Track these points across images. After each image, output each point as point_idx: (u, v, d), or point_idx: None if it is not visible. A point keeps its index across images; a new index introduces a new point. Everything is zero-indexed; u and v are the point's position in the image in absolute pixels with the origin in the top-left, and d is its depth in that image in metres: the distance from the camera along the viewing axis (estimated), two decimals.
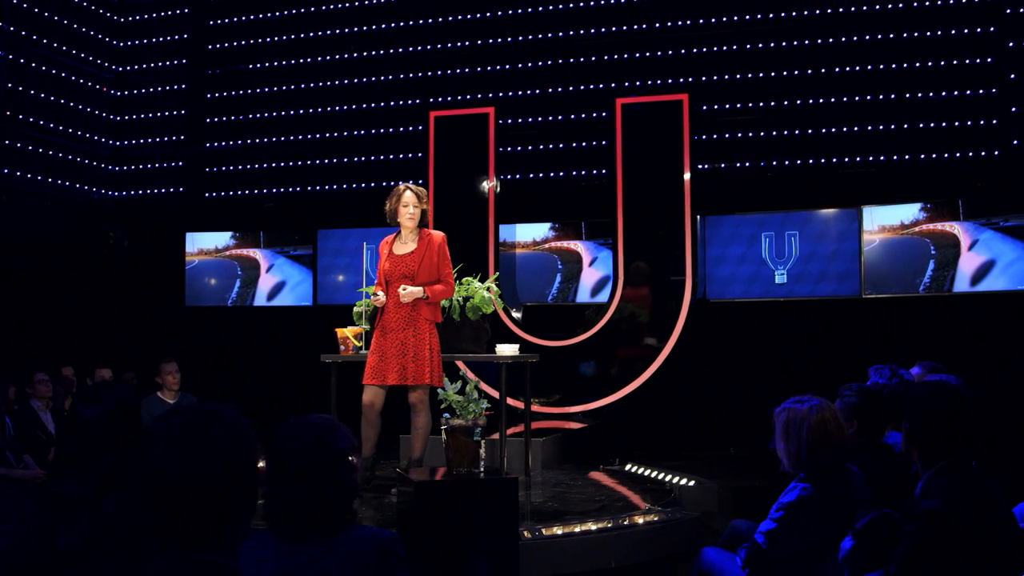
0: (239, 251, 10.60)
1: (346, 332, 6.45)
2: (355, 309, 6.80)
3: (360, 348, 6.46)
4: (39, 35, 10.12)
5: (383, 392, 5.87)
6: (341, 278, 10.29)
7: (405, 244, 6.02)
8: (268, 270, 10.53)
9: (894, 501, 3.84)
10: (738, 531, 4.16)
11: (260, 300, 10.53)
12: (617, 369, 8.83)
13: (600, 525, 4.74)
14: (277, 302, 10.49)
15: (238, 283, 10.58)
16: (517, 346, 6.46)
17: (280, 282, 10.50)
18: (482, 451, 4.14)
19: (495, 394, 8.14)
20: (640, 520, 4.92)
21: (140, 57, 11.16)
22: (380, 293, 5.98)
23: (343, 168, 10.57)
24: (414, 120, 10.16)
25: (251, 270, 10.55)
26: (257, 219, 10.57)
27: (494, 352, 6.43)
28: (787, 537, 3.40)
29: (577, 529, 4.64)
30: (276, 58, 10.75)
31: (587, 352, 8.77)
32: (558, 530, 4.57)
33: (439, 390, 4.50)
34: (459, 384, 4.42)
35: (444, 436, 4.18)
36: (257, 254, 10.54)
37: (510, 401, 8.18)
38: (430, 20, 10.23)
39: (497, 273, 6.85)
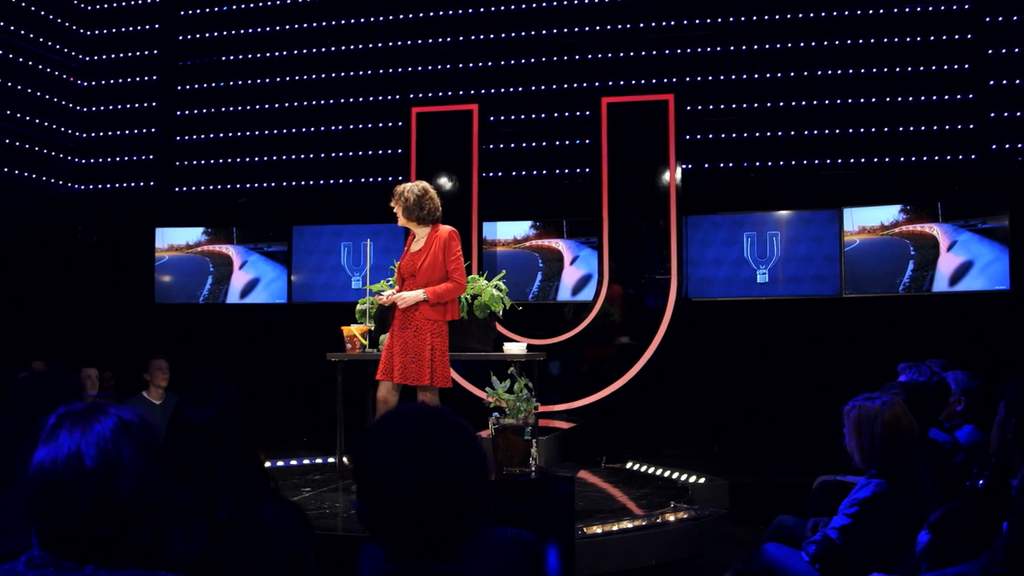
0: (211, 247, 10.35)
1: (353, 330, 6.34)
2: (358, 307, 6.70)
3: (366, 346, 6.36)
4: (1, 20, 9.74)
5: (397, 388, 5.78)
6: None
7: (417, 242, 5.94)
8: (241, 267, 10.30)
9: (944, 494, 3.93)
10: (785, 527, 4.20)
11: (233, 298, 10.29)
12: (587, 368, 8.86)
13: (636, 523, 4.75)
14: (250, 299, 10.28)
15: (210, 280, 10.33)
16: (525, 344, 6.43)
17: (254, 279, 10.29)
18: (533, 450, 4.10)
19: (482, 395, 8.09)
20: (671, 518, 4.94)
21: (108, 47, 10.81)
22: (386, 292, 5.91)
23: (320, 164, 10.40)
24: (395, 116, 10.04)
25: (223, 267, 10.31)
26: (230, 215, 10.34)
27: (501, 351, 6.40)
28: (862, 532, 3.44)
29: (615, 528, 4.64)
30: (251, 50, 10.52)
31: (570, 351, 8.79)
32: (598, 528, 4.56)
33: (486, 389, 4.45)
34: (508, 383, 4.37)
35: (493, 435, 4.14)
36: (230, 250, 10.31)
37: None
38: (411, 16, 10.11)
39: (504, 272, 6.79)
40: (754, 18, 9.26)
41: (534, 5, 9.78)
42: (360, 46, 10.25)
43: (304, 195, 10.43)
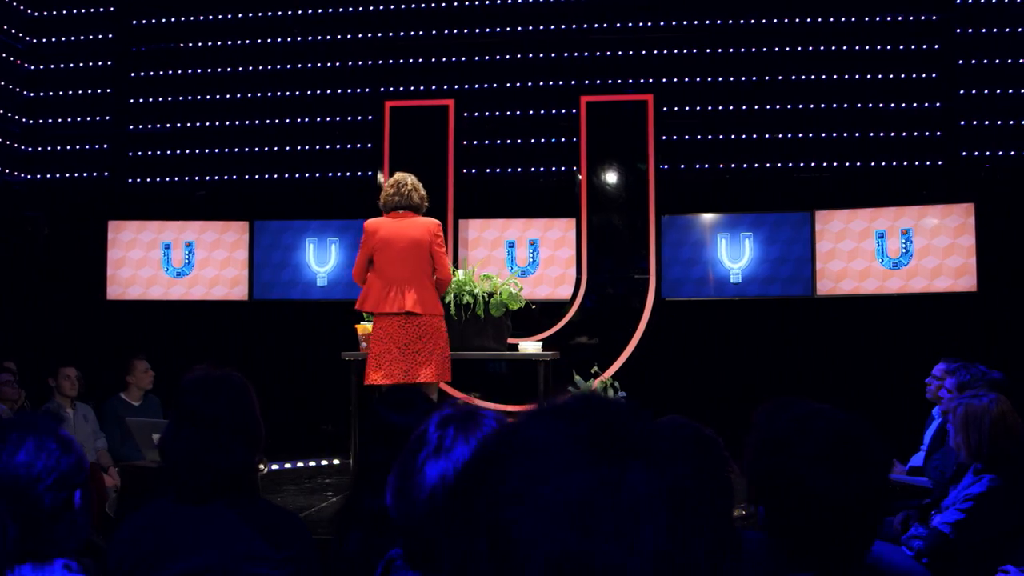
0: (167, 240, 9.88)
1: (368, 328, 6.14)
2: None
3: None
4: None
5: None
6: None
7: None
8: (199, 262, 9.87)
9: None
10: None
11: (191, 294, 9.86)
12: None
13: None
14: (210, 296, 9.87)
15: (166, 275, 9.87)
16: (540, 343, 6.36)
17: (213, 275, 9.88)
18: None
19: (464, 397, 7.98)
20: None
21: (59, 29, 10.20)
22: None
23: (286, 156, 10.06)
24: (367, 110, 9.79)
25: (180, 261, 9.86)
26: (188, 207, 9.90)
27: (515, 350, 6.31)
28: (977, 526, 3.52)
29: None
30: (212, 37, 10.09)
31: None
32: None
33: (569, 388, 4.37)
34: (591, 381, 4.29)
35: None
36: (186, 244, 9.86)
37: (464, 398, 8.06)
38: (383, 7, 9.87)
39: (517, 269, 6.70)
40: (730, 22, 9.39)
41: (510, 1, 9.68)
42: (331, 36, 9.96)
43: (267, 189, 10.09)
